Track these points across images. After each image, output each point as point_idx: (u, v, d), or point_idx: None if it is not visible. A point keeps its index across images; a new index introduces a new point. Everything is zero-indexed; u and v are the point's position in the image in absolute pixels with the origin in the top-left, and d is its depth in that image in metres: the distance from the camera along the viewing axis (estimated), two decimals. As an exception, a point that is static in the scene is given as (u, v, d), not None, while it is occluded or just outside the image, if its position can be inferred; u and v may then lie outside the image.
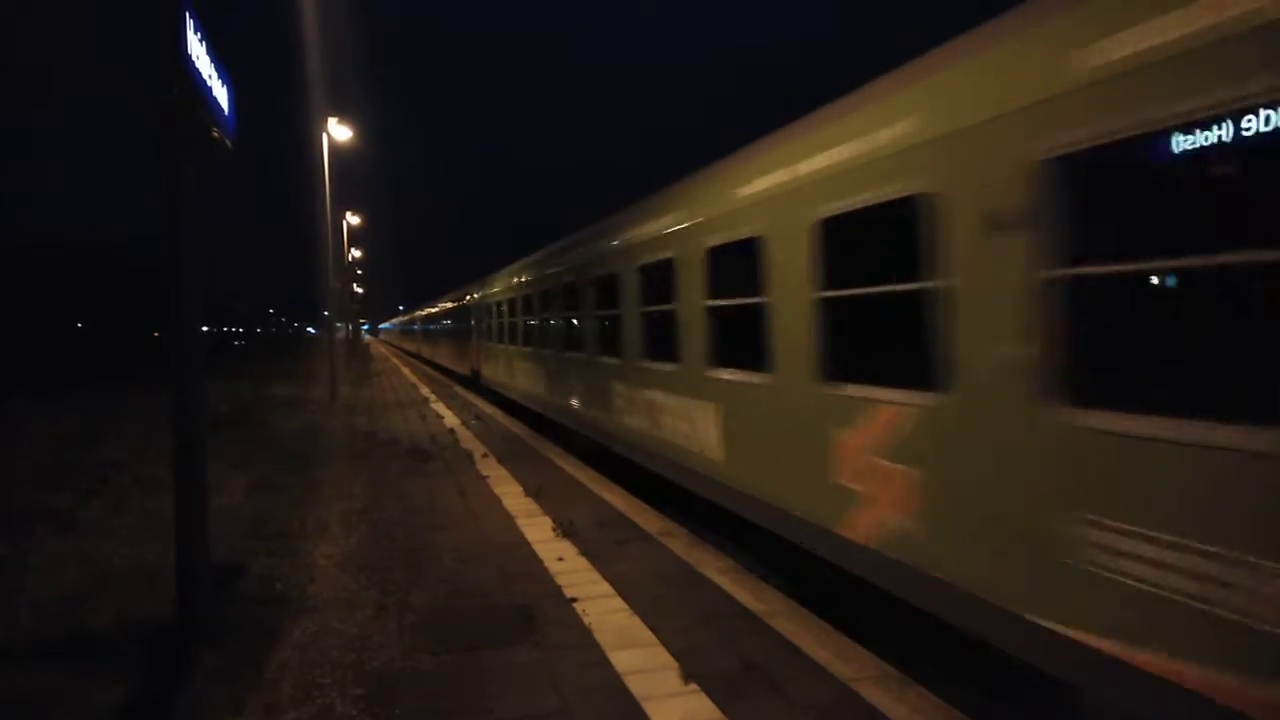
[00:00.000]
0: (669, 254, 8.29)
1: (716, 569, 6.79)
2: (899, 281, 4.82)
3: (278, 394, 25.86)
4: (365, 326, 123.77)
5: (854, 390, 5.26)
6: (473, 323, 25.94)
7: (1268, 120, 2.83)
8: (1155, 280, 3.39)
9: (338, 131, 25.42)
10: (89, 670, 4.92)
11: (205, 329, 5.84)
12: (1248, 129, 2.89)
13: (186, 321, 5.32)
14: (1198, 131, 3.07)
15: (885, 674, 4.72)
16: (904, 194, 4.72)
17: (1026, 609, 3.83)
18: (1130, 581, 3.28)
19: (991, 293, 4.07)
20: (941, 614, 4.53)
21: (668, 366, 8.51)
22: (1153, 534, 3.18)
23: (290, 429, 17.09)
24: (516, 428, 16.76)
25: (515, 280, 18.13)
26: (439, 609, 5.97)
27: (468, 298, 26.98)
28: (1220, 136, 3.00)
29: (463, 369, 29.77)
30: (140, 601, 6.09)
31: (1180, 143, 3.13)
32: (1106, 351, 3.61)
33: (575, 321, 12.74)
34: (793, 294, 5.92)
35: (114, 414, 18.70)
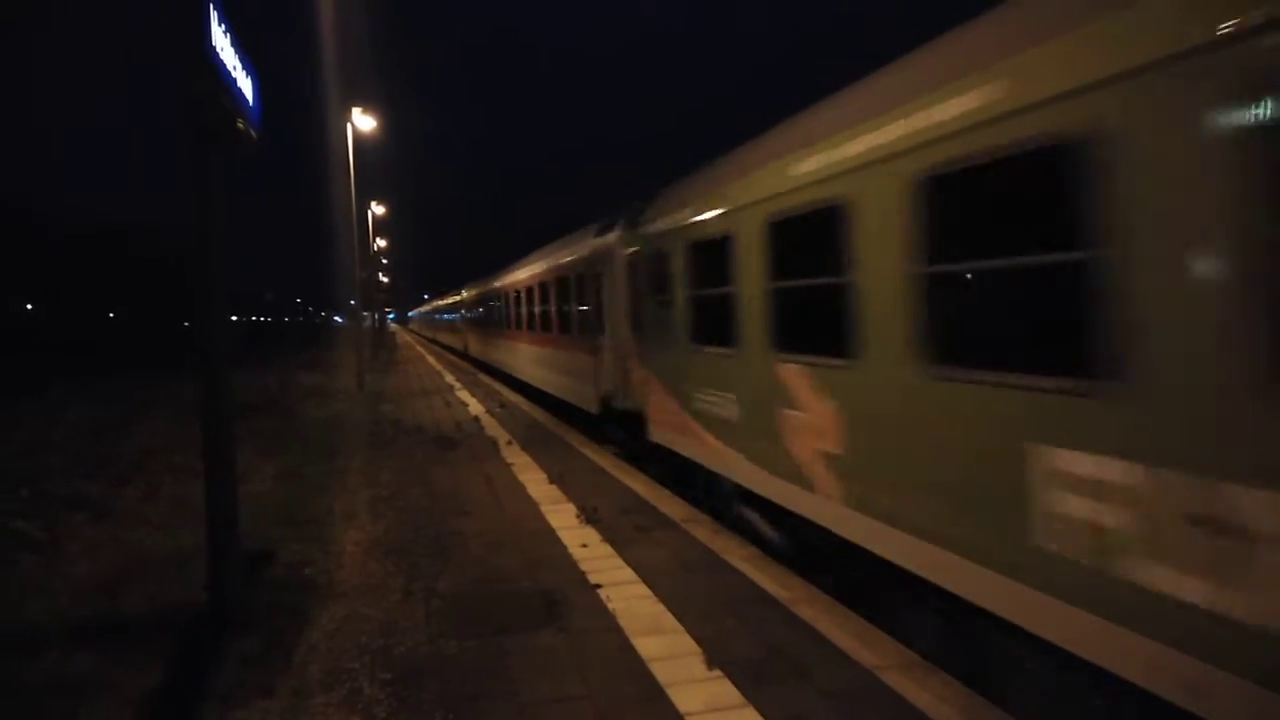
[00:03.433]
0: None
1: (740, 556, 6.79)
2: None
3: (305, 383, 26.14)
4: (391, 315, 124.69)
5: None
6: None
7: None
8: None
9: (361, 121, 25.52)
10: (124, 654, 5.03)
11: (234, 318, 5.92)
12: None
13: (214, 311, 5.38)
14: None
15: (909, 661, 4.70)
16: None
17: None
18: None
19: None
20: None
21: None
22: None
23: (318, 417, 17.29)
24: (540, 415, 16.83)
25: None
26: (465, 594, 6.02)
27: None
28: None
29: None
30: (173, 587, 6.21)
31: None
32: None
33: None
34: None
35: (146, 402, 19.01)
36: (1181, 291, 3.17)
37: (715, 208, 7.78)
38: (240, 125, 5.69)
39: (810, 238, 5.93)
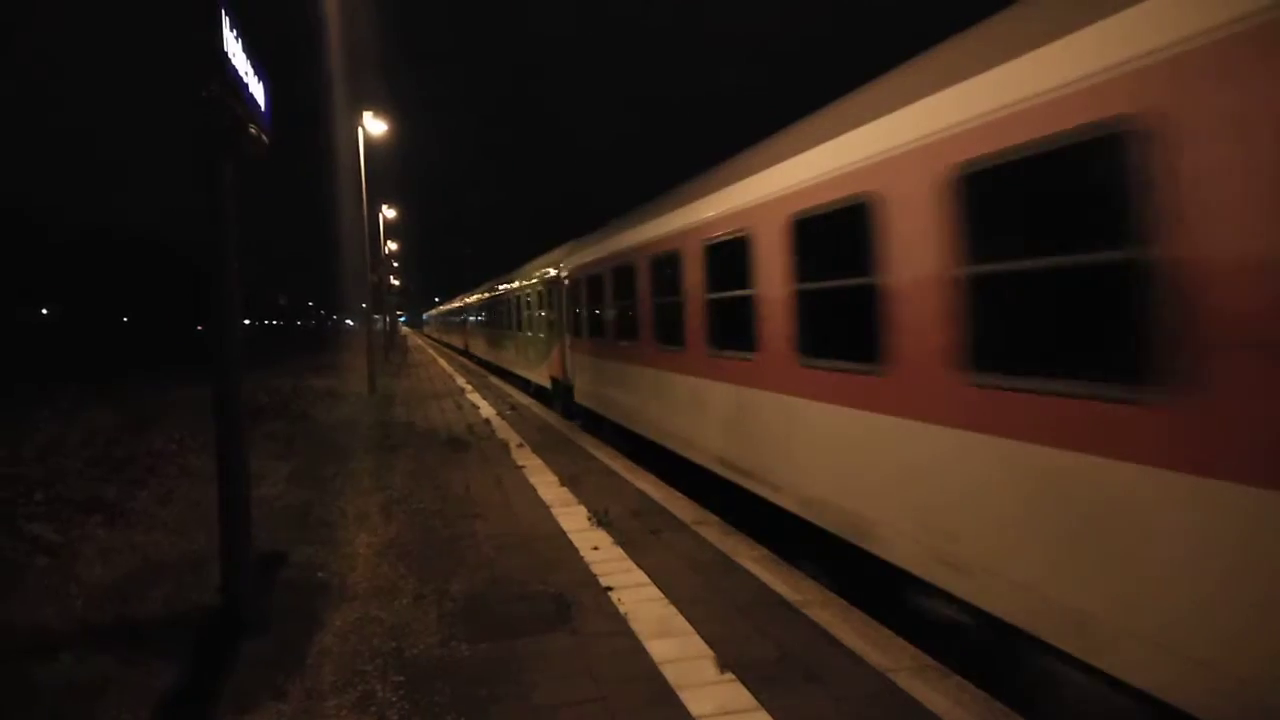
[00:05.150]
0: None
1: (751, 558, 6.77)
2: None
3: (317, 386, 26.23)
4: (403, 318, 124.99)
5: None
6: None
7: None
8: None
9: (373, 125, 25.57)
10: (138, 656, 5.06)
11: (247, 322, 5.96)
12: None
13: (227, 315, 5.40)
14: None
15: (923, 664, 4.67)
16: None
17: None
18: None
19: None
20: None
21: None
22: None
23: (330, 420, 17.35)
24: (551, 418, 16.84)
25: None
26: (477, 597, 6.02)
27: None
28: None
29: None
30: (186, 590, 6.24)
31: None
32: None
33: None
34: None
35: (159, 406, 19.12)
36: None
37: None
38: (253, 130, 5.72)
39: None
